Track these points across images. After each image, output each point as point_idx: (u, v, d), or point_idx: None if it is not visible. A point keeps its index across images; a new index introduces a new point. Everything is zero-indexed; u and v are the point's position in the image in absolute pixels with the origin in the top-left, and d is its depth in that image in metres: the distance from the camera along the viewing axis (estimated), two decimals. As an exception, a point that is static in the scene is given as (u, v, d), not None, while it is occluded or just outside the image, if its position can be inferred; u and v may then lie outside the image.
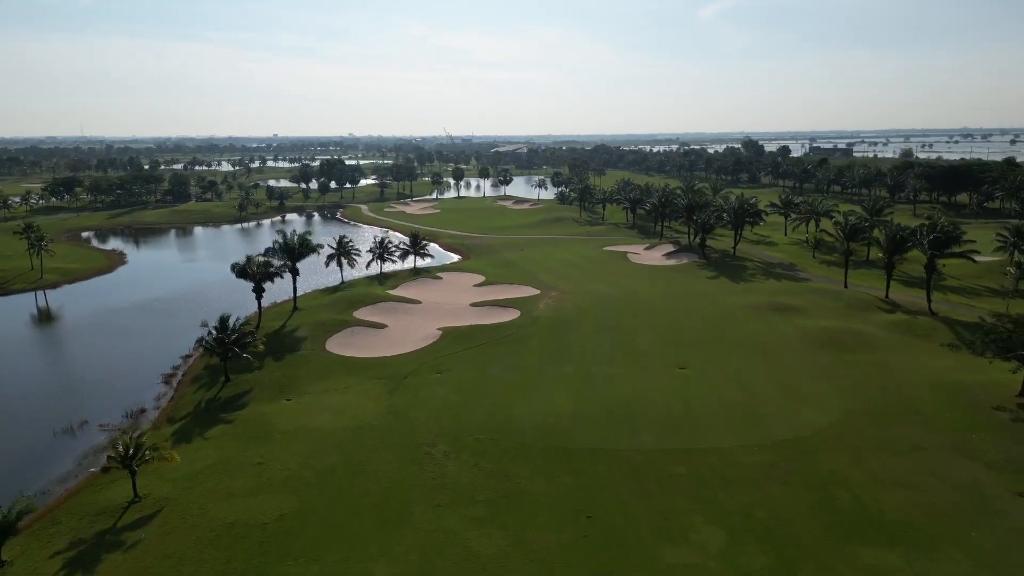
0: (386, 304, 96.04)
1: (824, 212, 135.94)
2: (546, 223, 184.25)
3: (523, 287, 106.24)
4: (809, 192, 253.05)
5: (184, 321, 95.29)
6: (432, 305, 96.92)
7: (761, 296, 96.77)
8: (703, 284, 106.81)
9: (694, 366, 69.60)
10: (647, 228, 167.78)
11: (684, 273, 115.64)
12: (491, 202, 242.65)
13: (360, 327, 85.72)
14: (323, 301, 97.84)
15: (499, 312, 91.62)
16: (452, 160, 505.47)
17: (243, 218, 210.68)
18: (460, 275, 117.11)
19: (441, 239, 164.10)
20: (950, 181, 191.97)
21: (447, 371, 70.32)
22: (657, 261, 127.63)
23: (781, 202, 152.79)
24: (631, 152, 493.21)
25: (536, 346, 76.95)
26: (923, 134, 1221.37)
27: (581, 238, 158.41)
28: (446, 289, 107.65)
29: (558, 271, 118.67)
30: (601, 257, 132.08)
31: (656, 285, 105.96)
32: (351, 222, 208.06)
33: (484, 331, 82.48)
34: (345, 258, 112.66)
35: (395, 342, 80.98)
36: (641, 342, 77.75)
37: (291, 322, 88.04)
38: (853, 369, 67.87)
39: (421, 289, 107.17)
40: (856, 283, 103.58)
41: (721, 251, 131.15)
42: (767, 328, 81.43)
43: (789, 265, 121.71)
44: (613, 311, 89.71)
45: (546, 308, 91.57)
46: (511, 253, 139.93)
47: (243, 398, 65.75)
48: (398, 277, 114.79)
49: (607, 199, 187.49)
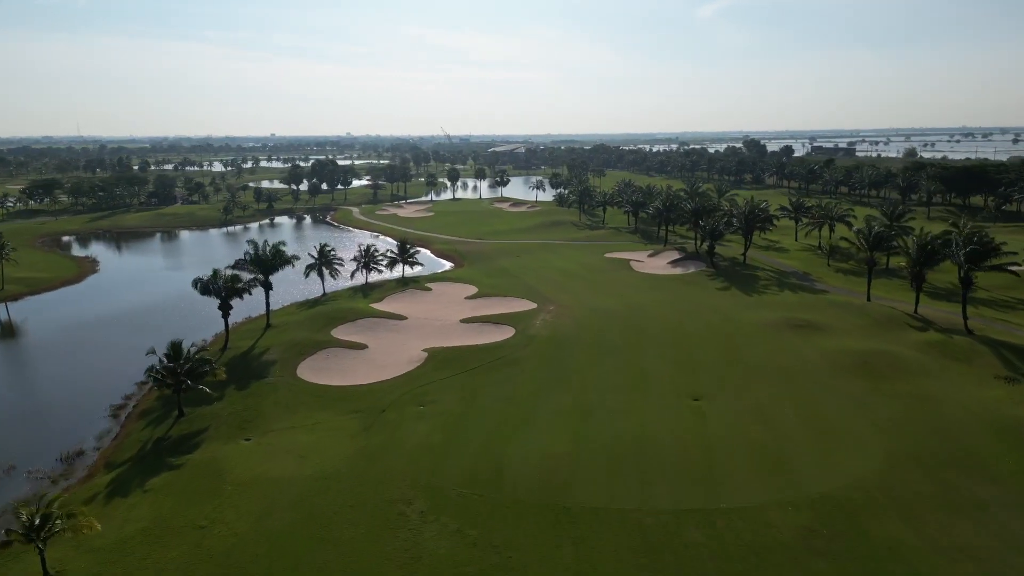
0: (368, 321, 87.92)
1: (838, 217, 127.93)
2: (544, 227, 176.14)
3: (518, 300, 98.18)
4: (815, 193, 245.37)
5: (148, 338, 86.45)
6: (419, 322, 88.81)
7: (777, 311, 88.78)
8: (713, 296, 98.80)
9: (710, 397, 61.58)
10: (650, 233, 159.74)
11: (692, 284, 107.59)
12: (487, 204, 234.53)
13: (337, 348, 77.63)
14: (300, 317, 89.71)
15: (491, 330, 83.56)
16: (449, 160, 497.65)
17: (228, 221, 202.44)
18: (451, 286, 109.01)
19: (433, 245, 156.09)
20: (964, 183, 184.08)
21: (431, 403, 62.26)
22: (662, 270, 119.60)
23: (791, 206, 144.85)
24: (631, 152, 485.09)
25: (531, 371, 68.89)
26: (923, 133, 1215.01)
27: (580, 244, 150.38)
28: (435, 302, 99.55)
29: (556, 281, 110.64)
30: (602, 265, 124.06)
31: (662, 298, 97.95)
32: (341, 225, 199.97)
33: (474, 353, 74.41)
34: (327, 268, 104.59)
35: (375, 366, 72.87)
36: (648, 366, 69.73)
37: (262, 342, 79.92)
38: (890, 401, 59.87)
39: (408, 302, 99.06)
40: (878, 295, 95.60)
41: (730, 259, 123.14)
42: (787, 349, 73.41)
43: (803, 274, 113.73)
44: (616, 329, 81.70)
45: (543, 325, 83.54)
46: (506, 260, 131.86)
47: (196, 437, 57.64)
48: (384, 288, 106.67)
49: (607, 202, 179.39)
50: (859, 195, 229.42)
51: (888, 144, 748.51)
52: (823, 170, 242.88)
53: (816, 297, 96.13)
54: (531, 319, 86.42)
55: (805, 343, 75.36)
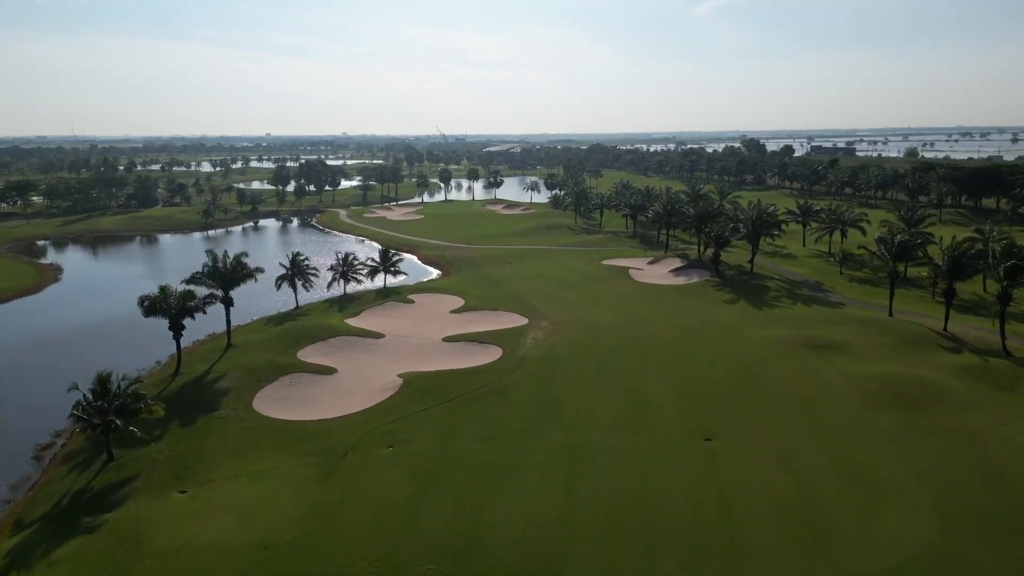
0: (341, 339, 79.53)
1: (850, 222, 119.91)
2: (538, 231, 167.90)
3: (508, 314, 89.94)
4: (819, 195, 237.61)
5: (98, 360, 78.59)
6: (397, 340, 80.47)
7: (791, 327, 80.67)
8: (720, 310, 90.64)
9: (722, 435, 53.39)
10: (649, 237, 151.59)
11: (696, 296, 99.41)
12: (479, 206, 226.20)
13: (302, 374, 69.23)
14: (266, 334, 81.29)
15: (477, 351, 75.29)
16: (443, 160, 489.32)
17: (209, 225, 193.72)
18: (436, 297, 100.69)
19: (421, 250, 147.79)
20: (977, 184, 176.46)
21: (401, 443, 53.95)
22: (663, 279, 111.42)
23: (799, 209, 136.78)
24: (628, 152, 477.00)
25: (519, 403, 60.60)
26: (920, 133, 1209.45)
27: (576, 249, 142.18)
28: (417, 317, 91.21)
29: (550, 292, 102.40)
30: (599, 274, 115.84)
31: (664, 311, 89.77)
32: (326, 229, 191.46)
33: (456, 379, 66.10)
34: (300, 279, 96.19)
35: (343, 395, 64.51)
36: (652, 395, 61.52)
37: (219, 366, 71.48)
38: (932, 441, 51.77)
39: (387, 317, 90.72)
40: (899, 308, 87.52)
41: (735, 267, 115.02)
42: (807, 374, 65.27)
43: (815, 284, 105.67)
44: (615, 349, 73.49)
45: (534, 345, 75.29)
46: (497, 268, 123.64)
47: (123, 488, 49.24)
48: (363, 301, 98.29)
49: (605, 205, 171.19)
50: (864, 197, 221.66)
51: (887, 144, 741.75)
52: (827, 171, 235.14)
53: (833, 311, 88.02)
54: (521, 337, 78.17)
55: (827, 367, 67.22)
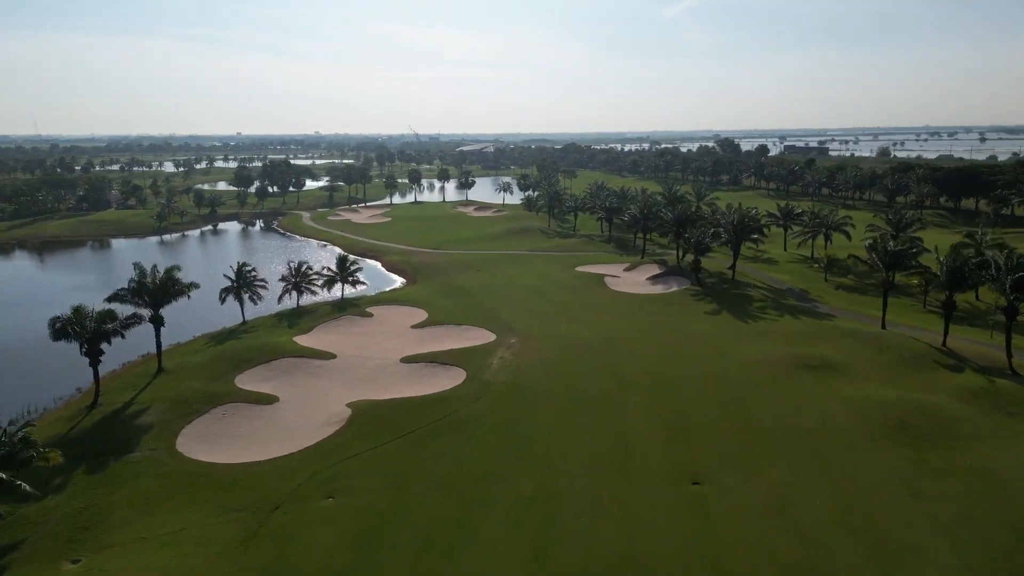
0: (287, 362, 71.61)
1: (835, 226, 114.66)
2: (510, 234, 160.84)
3: (474, 330, 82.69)
4: (796, 195, 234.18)
5: (7, 388, 70.32)
6: (350, 361, 72.76)
7: (780, 343, 74.56)
8: (702, 323, 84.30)
9: (713, 479, 46.75)
10: (625, 241, 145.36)
11: (676, 306, 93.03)
12: (450, 208, 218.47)
13: (239, 404, 61.29)
14: (203, 356, 73.03)
15: (437, 374, 67.93)
16: (415, 160, 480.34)
17: (163, 229, 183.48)
18: (397, 310, 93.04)
19: (385, 256, 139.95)
20: (956, 185, 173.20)
21: (345, 492, 46.46)
22: (641, 288, 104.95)
23: (780, 212, 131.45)
24: (602, 152, 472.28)
25: (483, 439, 53.42)
26: (889, 132, 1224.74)
27: (549, 254, 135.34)
28: (375, 333, 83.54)
29: (520, 303, 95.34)
30: (573, 282, 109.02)
31: (643, 325, 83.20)
32: (288, 233, 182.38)
33: (412, 410, 58.68)
34: (247, 291, 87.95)
35: (281, 431, 56.76)
36: (632, 428, 54.75)
37: (144, 395, 63.24)
38: (948, 485, 45.66)
39: (341, 334, 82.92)
40: (892, 320, 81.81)
41: (716, 273, 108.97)
42: (803, 402, 59.02)
43: (800, 292, 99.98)
44: (590, 371, 66.65)
45: (501, 366, 68.13)
46: (465, 275, 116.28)
47: (5, 558, 41.09)
48: (316, 314, 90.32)
49: (579, 207, 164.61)
50: (842, 197, 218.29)
51: (858, 143, 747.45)
52: (804, 171, 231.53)
53: (822, 324, 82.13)
54: (487, 357, 70.97)
55: (823, 391, 61.07)
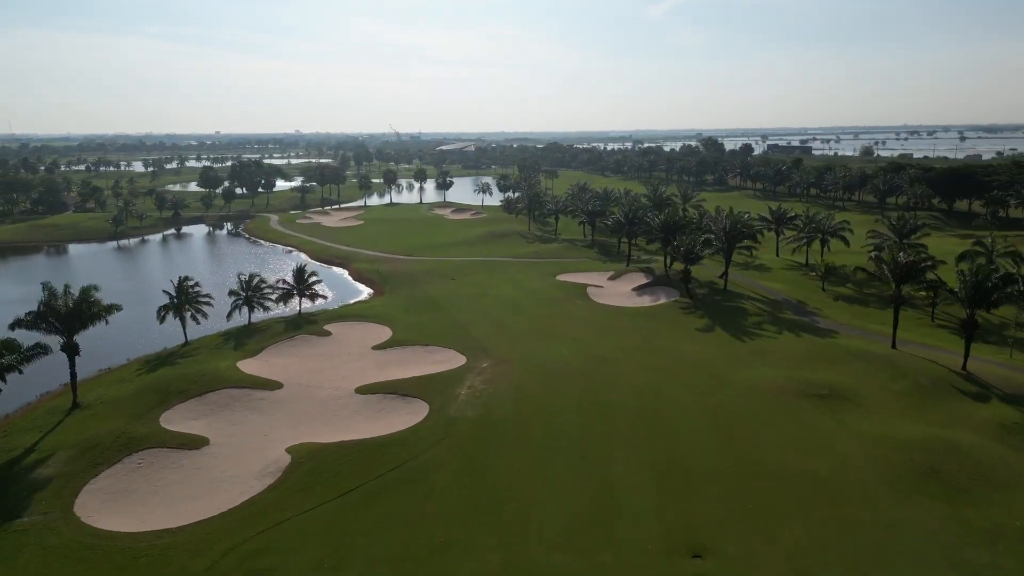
0: (226, 393, 62.76)
1: (832, 231, 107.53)
2: (488, 239, 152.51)
3: (442, 351, 74.34)
4: (783, 196, 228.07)
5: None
6: (298, 392, 64.05)
7: (782, 366, 66.93)
8: (694, 342, 76.48)
9: (716, 549, 38.76)
10: (608, 246, 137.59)
11: (665, 321, 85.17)
12: (426, 210, 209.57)
13: (160, 449, 52.42)
14: (129, 388, 63.93)
15: (396, 407, 59.50)
16: (395, 159, 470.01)
17: (120, 234, 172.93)
18: (358, 328, 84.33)
19: (354, 263, 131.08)
20: (951, 185, 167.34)
21: (269, 572, 37.92)
22: (626, 299, 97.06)
23: (772, 216, 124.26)
24: (585, 151, 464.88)
25: (443, 495, 45.05)
26: (869, 131, 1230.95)
27: (529, 262, 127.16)
28: (330, 356, 74.82)
29: (496, 318, 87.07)
30: (553, 293, 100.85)
31: (630, 345, 75.24)
32: (253, 238, 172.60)
33: (362, 455, 50.21)
34: (189, 309, 78.91)
35: (204, 487, 48.00)
36: (619, 478, 46.68)
37: (50, 439, 54.15)
38: (998, 554, 38.05)
39: (293, 357, 74.14)
40: (901, 338, 74.40)
41: (707, 283, 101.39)
42: (815, 441, 51.30)
43: (798, 304, 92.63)
44: (572, 402, 58.56)
45: (471, 397, 59.83)
46: (438, 285, 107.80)
47: None
48: (268, 333, 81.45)
49: (560, 210, 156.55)
50: (831, 198, 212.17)
51: (839, 142, 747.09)
52: (791, 171, 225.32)
53: (826, 343, 74.65)
54: (455, 386, 62.62)
55: (835, 426, 53.41)
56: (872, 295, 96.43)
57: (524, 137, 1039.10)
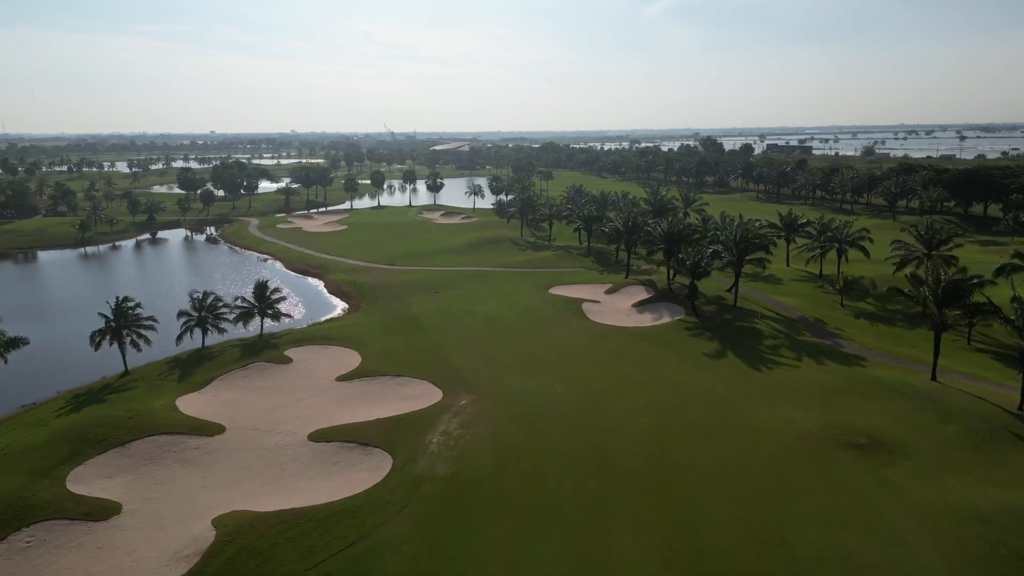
0: (153, 442, 53.19)
1: (850, 240, 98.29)
2: (478, 246, 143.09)
3: (416, 383, 64.94)
4: (786, 198, 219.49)
5: None
6: (241, 438, 54.50)
7: (808, 404, 57.62)
8: (705, 373, 67.08)
9: None
10: (606, 254, 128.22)
11: (670, 346, 75.71)
12: (414, 214, 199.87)
13: (58, 522, 42.86)
14: (41, 435, 54.22)
15: (354, 461, 50.04)
16: (388, 159, 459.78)
17: (88, 240, 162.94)
18: (324, 353, 74.81)
19: (332, 273, 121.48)
20: (968, 188, 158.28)
21: None
22: (626, 317, 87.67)
23: (781, 222, 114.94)
24: (582, 151, 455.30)
25: (397, 593, 35.65)
26: (867, 131, 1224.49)
27: (520, 271, 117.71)
28: (287, 389, 65.27)
29: (480, 340, 77.69)
30: (546, 310, 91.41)
31: (631, 376, 65.87)
32: (228, 244, 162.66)
33: (301, 533, 40.71)
34: (129, 334, 69.34)
35: (104, 574, 38.48)
36: (621, 563, 37.31)
37: (-72, 507, 44.54)
38: None
39: (244, 390, 64.58)
40: (921, 356, 65.03)
41: (714, 298, 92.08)
42: (856, 509, 41.93)
43: (816, 323, 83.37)
44: (563, 455, 49.21)
45: (443, 448, 50.45)
46: (420, 300, 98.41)
47: None
48: (221, 360, 71.87)
49: (554, 215, 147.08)
50: (838, 201, 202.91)
51: (838, 142, 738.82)
52: (796, 172, 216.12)
53: (855, 373, 65.32)
54: (426, 432, 53.22)
55: (881, 490, 44.09)
56: (898, 312, 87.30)
57: (520, 137, 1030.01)
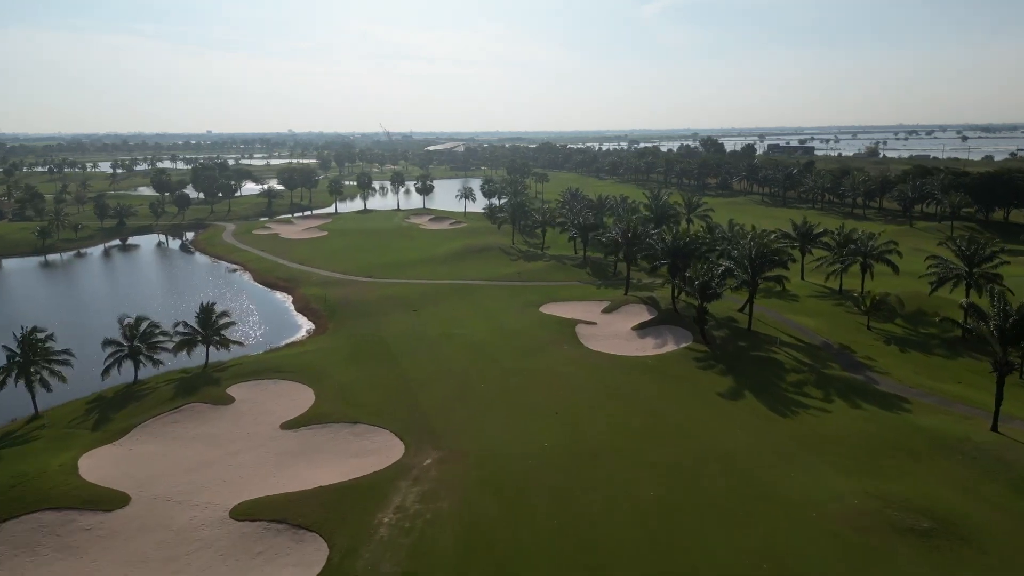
0: (36, 520, 42.52)
1: (877, 254, 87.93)
2: (465, 255, 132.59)
3: (374, 432, 54.44)
4: (792, 202, 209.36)
5: None
6: (145, 515, 43.84)
7: (849, 466, 47.09)
8: (720, 419, 56.49)
9: None
10: (603, 265, 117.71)
11: (677, 381, 65.09)
12: (401, 219, 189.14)
13: None
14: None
15: (278, 552, 39.38)
16: (381, 160, 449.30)
17: (48, 247, 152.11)
18: (273, 390, 64.15)
19: (302, 287, 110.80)
20: (989, 192, 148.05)
21: None
22: (626, 343, 77.14)
23: (795, 231, 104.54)
24: (579, 151, 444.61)
25: None
26: (867, 131, 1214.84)
27: (509, 285, 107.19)
28: (221, 439, 54.58)
29: (457, 374, 67.14)
30: (535, 333, 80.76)
31: (633, 423, 55.36)
32: (199, 252, 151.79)
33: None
34: (38, 371, 58.70)
35: None
36: None
37: None
38: None
39: (167, 442, 53.90)
40: (983, 402, 54.79)
41: (725, 320, 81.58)
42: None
43: (843, 351, 72.88)
44: (548, 545, 38.67)
45: (394, 533, 39.90)
46: (394, 320, 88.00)
47: None
48: (149, 400, 61.24)
49: (548, 222, 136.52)
50: (848, 205, 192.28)
51: (839, 142, 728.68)
52: (803, 175, 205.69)
53: (899, 421, 54.81)
54: (377, 507, 42.69)
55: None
56: (932, 337, 77.13)
57: (518, 137, 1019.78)
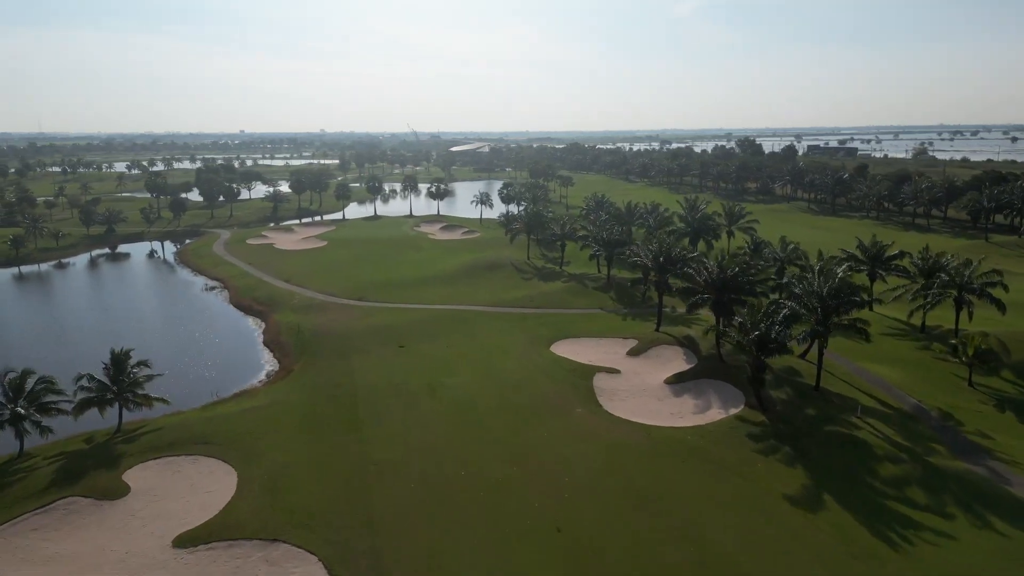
0: None
1: (978, 288, 69.75)
2: (473, 272, 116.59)
3: (295, 561, 38.55)
4: (842, 210, 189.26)
5: None
6: None
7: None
8: (793, 543, 39.52)
9: None
10: (629, 293, 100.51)
11: (727, 476, 48.08)
12: (410, 227, 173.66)
13: None
14: None
15: None
16: (407, 160, 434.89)
17: (22, 259, 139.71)
18: (184, 475, 48.61)
19: (278, 312, 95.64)
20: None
21: None
22: (658, 406, 60.21)
23: (863, 253, 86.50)
24: (608, 152, 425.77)
25: None
26: (908, 131, 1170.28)
27: (518, 312, 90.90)
28: (87, 563, 39.07)
29: (434, 455, 51.05)
30: (541, 387, 64.24)
31: (665, 554, 38.71)
32: (181, 264, 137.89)
33: None
34: None
35: None
36: None
37: None
38: None
39: (20, 564, 38.66)
40: None
41: (783, 372, 64.13)
42: None
43: (945, 423, 55.20)
44: None
45: None
46: (373, 361, 72.34)
47: None
48: (18, 488, 46.15)
49: (567, 235, 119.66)
50: (908, 215, 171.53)
51: (880, 142, 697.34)
52: (855, 180, 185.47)
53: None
54: None
55: None
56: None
57: (546, 136, 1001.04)
